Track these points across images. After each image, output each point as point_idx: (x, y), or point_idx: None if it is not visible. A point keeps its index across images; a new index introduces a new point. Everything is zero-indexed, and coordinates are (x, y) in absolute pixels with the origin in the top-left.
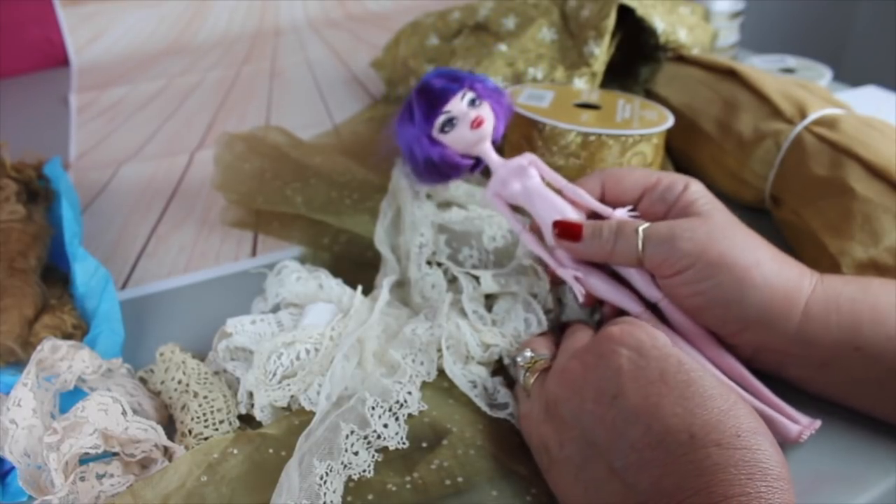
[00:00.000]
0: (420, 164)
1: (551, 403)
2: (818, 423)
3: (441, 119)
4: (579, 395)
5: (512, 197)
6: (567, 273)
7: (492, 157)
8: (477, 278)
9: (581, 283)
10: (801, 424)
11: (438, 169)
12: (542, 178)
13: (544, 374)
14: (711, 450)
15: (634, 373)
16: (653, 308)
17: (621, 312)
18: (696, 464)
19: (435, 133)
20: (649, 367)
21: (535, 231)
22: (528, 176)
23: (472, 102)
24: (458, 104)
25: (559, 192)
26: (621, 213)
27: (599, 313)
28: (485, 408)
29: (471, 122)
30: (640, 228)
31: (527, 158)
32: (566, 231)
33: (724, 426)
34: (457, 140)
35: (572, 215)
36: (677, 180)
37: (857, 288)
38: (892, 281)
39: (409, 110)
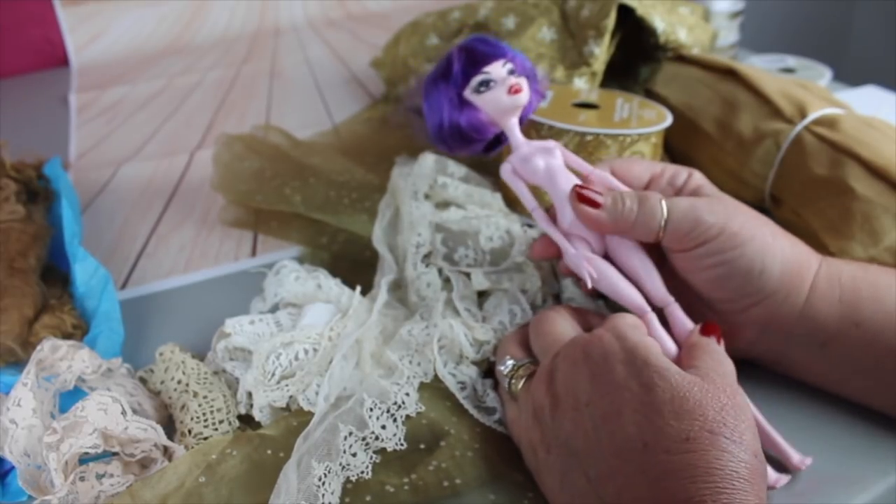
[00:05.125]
0: (444, 125)
1: (538, 409)
2: (809, 460)
3: (479, 78)
4: (560, 403)
5: (532, 174)
6: (578, 256)
7: (516, 133)
8: (468, 276)
9: (592, 266)
10: (792, 462)
11: (462, 133)
12: (567, 165)
13: (530, 378)
14: (661, 457)
15: (601, 379)
16: (658, 313)
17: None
18: (647, 473)
19: (468, 92)
20: (615, 372)
21: (551, 214)
22: (553, 156)
23: (511, 72)
24: (499, 69)
25: (584, 178)
26: None
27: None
28: (472, 410)
29: (509, 88)
30: (662, 200)
31: (552, 143)
32: (586, 197)
33: (674, 431)
34: (490, 103)
35: None
36: (681, 169)
37: (856, 267)
38: (889, 267)
39: (445, 66)
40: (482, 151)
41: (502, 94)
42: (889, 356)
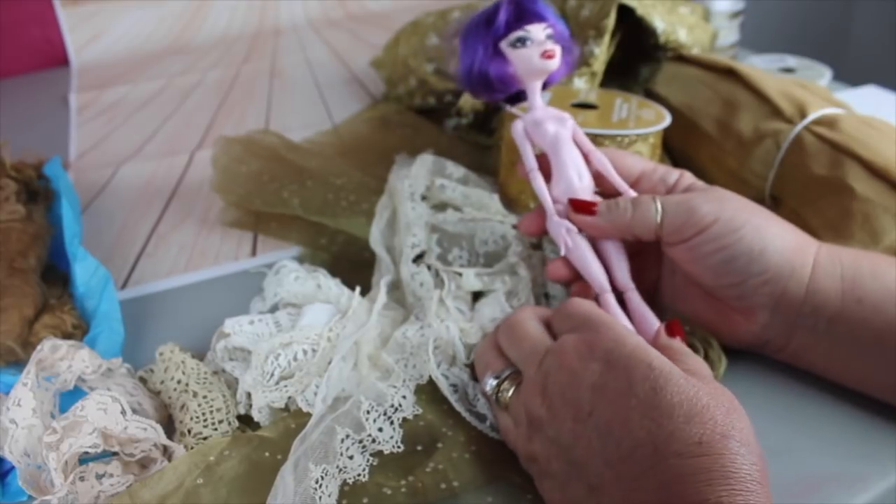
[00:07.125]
0: (474, 69)
1: (534, 420)
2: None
3: (518, 34)
4: (557, 413)
5: (541, 138)
6: (560, 224)
7: (536, 95)
8: (460, 276)
9: (570, 237)
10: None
11: (488, 81)
12: (574, 139)
13: (518, 387)
14: (672, 461)
15: (604, 387)
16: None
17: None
18: (658, 477)
19: (505, 44)
20: (618, 377)
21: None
22: (564, 126)
23: (550, 38)
24: (539, 31)
25: (585, 156)
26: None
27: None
28: (464, 413)
29: (543, 52)
30: (656, 197)
31: (567, 114)
32: (581, 206)
33: (685, 434)
34: (522, 60)
35: (587, 178)
36: (671, 168)
37: (854, 250)
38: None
39: (491, 13)
40: (503, 101)
41: (535, 55)
42: (889, 332)
